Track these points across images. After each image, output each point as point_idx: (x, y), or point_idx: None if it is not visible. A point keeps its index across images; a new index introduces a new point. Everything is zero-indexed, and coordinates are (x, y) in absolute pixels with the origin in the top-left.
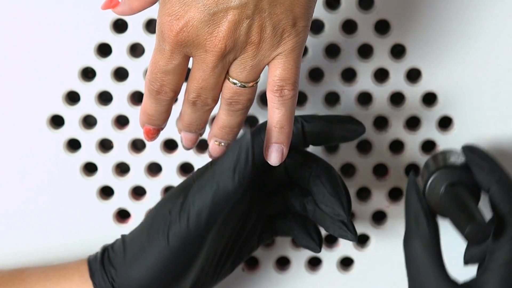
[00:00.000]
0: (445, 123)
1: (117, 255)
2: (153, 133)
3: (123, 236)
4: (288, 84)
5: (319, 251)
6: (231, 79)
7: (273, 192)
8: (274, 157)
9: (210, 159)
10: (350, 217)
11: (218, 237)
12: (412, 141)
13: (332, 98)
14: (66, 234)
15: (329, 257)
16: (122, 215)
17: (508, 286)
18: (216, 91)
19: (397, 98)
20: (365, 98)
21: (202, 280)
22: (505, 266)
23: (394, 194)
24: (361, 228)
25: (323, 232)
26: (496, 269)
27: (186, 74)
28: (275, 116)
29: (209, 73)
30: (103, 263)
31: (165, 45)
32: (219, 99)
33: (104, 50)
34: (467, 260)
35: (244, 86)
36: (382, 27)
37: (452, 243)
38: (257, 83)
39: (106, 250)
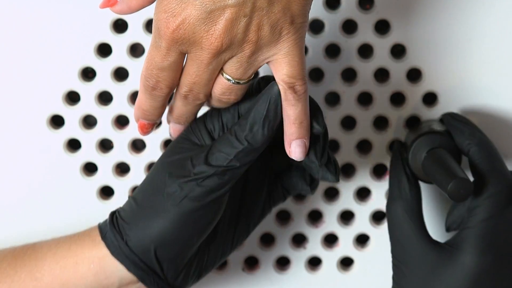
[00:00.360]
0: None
1: (127, 212)
2: (148, 128)
3: (131, 197)
4: (299, 80)
5: (310, 191)
6: (225, 75)
7: (276, 148)
8: (298, 152)
9: None
10: (333, 160)
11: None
12: None
13: (332, 98)
14: (67, 235)
15: (329, 257)
16: None
17: (487, 242)
18: (209, 87)
19: (397, 98)
20: (365, 98)
21: (219, 240)
22: (484, 223)
23: None
24: (361, 228)
25: (323, 233)
26: (475, 226)
27: (181, 70)
28: (292, 112)
29: (203, 69)
30: (113, 223)
31: (161, 42)
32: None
33: (104, 50)
34: (449, 226)
35: (238, 83)
36: (382, 27)
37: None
38: (250, 80)
39: (115, 212)
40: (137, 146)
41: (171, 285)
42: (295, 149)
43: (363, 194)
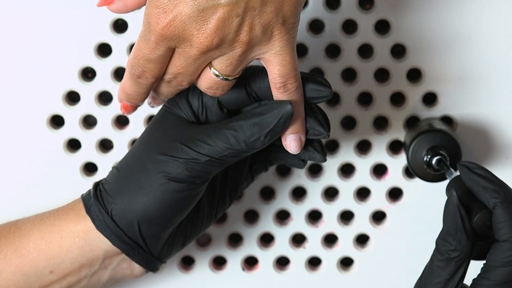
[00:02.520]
0: (445, 123)
1: (112, 184)
2: (130, 109)
3: (115, 167)
4: (290, 78)
5: (303, 166)
6: (213, 70)
7: None
8: (294, 146)
9: None
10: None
11: None
12: None
13: (332, 98)
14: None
15: (329, 257)
16: None
17: None
18: (193, 77)
19: (397, 98)
20: (365, 98)
21: (201, 213)
22: (498, 287)
23: (394, 194)
24: (361, 228)
25: (323, 233)
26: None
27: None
28: None
29: (189, 63)
30: (97, 196)
31: (151, 36)
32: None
33: (104, 50)
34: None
35: (227, 79)
36: (382, 27)
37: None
38: (238, 76)
39: (98, 183)
40: None
41: (156, 257)
42: (290, 143)
43: (363, 194)
